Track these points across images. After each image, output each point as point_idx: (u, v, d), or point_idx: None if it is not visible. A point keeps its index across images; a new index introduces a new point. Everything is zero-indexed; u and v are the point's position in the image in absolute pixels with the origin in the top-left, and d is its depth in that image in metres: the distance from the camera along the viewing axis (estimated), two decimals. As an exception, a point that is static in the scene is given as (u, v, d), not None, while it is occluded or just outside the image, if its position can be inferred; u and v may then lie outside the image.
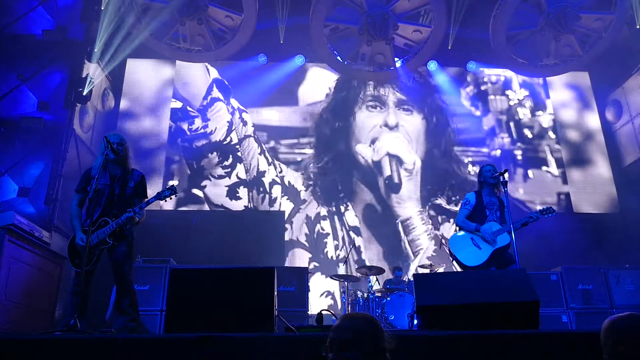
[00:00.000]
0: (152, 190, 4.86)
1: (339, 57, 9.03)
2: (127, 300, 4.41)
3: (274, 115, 9.53)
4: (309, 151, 9.36)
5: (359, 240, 8.74)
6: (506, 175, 5.20)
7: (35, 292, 5.60)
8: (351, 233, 8.80)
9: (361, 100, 9.75)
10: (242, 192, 8.99)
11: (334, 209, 9.01)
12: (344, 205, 9.04)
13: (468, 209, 5.35)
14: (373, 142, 9.45)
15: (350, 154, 9.41)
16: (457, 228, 5.45)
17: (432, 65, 9.67)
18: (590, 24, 8.51)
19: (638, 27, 8.31)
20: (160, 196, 4.56)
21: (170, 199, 4.63)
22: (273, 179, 9.11)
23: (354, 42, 8.76)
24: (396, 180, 9.21)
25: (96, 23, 7.66)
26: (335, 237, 8.79)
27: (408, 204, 9.09)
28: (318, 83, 9.82)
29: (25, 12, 7.12)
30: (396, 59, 9.10)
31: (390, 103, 9.69)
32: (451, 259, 5.29)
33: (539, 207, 5.37)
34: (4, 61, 6.85)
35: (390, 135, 9.49)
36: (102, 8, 7.67)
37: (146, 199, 4.63)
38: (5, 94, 6.72)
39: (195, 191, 8.93)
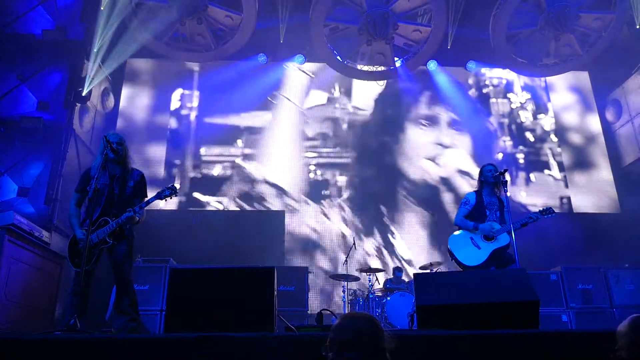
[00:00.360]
0: (151, 190, 4.85)
1: (338, 57, 9.03)
2: (127, 300, 4.41)
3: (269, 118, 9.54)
4: (311, 154, 9.34)
5: (408, 254, 8.70)
6: (507, 175, 5.21)
7: (35, 292, 5.60)
8: (397, 250, 8.73)
9: (412, 117, 9.74)
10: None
11: (379, 224, 8.92)
12: (389, 219, 8.96)
13: (467, 209, 5.34)
14: (432, 158, 9.44)
15: (395, 168, 9.33)
16: (456, 227, 5.45)
17: (432, 65, 9.66)
18: (590, 24, 8.52)
19: (638, 27, 8.31)
20: (160, 196, 4.56)
21: (171, 198, 4.62)
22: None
23: (353, 41, 8.75)
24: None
25: (96, 23, 7.66)
26: (380, 255, 8.71)
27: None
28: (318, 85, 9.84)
29: (25, 11, 7.12)
30: (396, 58, 9.10)
31: (443, 122, 9.70)
32: (451, 258, 5.29)
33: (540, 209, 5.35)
34: (4, 61, 6.85)
35: (451, 151, 9.48)
36: (102, 8, 7.67)
37: (146, 199, 4.63)
38: (5, 94, 6.72)
39: (197, 195, 8.94)
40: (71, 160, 7.12)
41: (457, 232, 5.34)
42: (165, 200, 4.63)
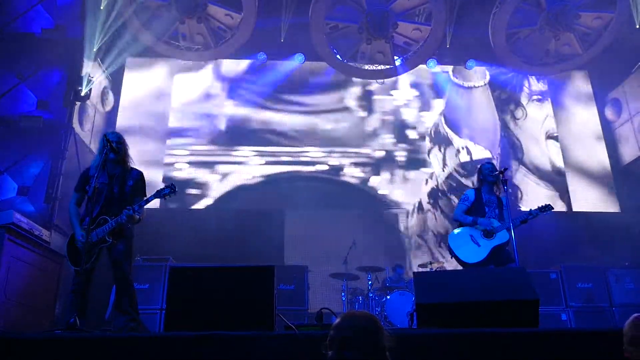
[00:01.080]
0: (152, 189, 4.85)
1: (338, 56, 9.02)
2: (126, 299, 4.41)
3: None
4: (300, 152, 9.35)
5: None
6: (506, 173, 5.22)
7: (35, 290, 5.59)
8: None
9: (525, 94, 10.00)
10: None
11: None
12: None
13: (466, 205, 5.37)
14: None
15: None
16: (457, 224, 5.46)
17: (432, 64, 9.66)
18: (590, 23, 8.50)
19: (638, 26, 8.29)
20: (159, 194, 4.54)
21: (170, 196, 4.59)
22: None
23: (353, 40, 8.75)
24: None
25: (96, 22, 7.65)
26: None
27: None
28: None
29: (25, 10, 7.10)
30: (395, 57, 9.09)
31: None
32: (450, 256, 5.30)
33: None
34: (3, 60, 6.84)
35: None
36: (102, 8, 7.66)
37: (145, 197, 4.63)
38: (4, 93, 6.72)
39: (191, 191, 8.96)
40: (71, 159, 7.11)
41: (456, 230, 5.35)
42: (165, 199, 4.60)
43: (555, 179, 9.40)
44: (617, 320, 6.54)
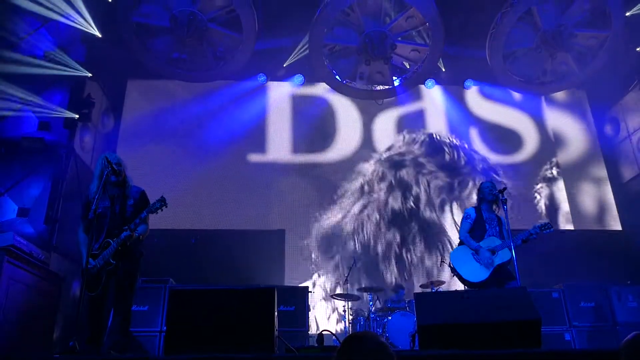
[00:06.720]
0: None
1: (337, 77, 9.10)
2: (119, 319, 4.37)
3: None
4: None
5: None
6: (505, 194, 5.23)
7: (33, 313, 5.56)
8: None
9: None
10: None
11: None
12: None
13: (469, 223, 5.38)
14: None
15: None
16: (459, 242, 5.46)
17: (430, 84, 9.76)
18: (586, 42, 8.59)
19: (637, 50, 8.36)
20: (151, 209, 4.50)
21: (161, 210, 4.56)
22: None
23: (352, 61, 8.83)
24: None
25: (97, 44, 7.76)
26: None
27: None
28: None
29: (29, 32, 7.19)
30: (394, 77, 9.17)
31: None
32: (452, 274, 5.27)
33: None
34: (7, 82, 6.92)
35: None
36: (100, 36, 7.76)
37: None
38: (6, 115, 6.77)
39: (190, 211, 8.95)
40: (71, 180, 7.14)
41: (458, 248, 5.33)
42: (157, 213, 4.56)
43: (555, 197, 9.40)
44: (620, 340, 6.46)
